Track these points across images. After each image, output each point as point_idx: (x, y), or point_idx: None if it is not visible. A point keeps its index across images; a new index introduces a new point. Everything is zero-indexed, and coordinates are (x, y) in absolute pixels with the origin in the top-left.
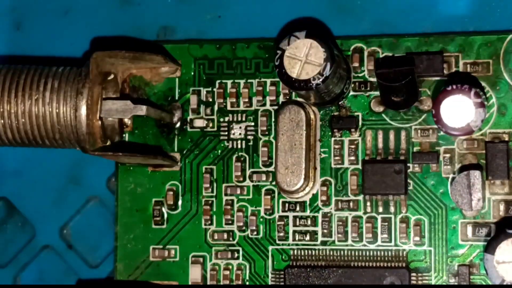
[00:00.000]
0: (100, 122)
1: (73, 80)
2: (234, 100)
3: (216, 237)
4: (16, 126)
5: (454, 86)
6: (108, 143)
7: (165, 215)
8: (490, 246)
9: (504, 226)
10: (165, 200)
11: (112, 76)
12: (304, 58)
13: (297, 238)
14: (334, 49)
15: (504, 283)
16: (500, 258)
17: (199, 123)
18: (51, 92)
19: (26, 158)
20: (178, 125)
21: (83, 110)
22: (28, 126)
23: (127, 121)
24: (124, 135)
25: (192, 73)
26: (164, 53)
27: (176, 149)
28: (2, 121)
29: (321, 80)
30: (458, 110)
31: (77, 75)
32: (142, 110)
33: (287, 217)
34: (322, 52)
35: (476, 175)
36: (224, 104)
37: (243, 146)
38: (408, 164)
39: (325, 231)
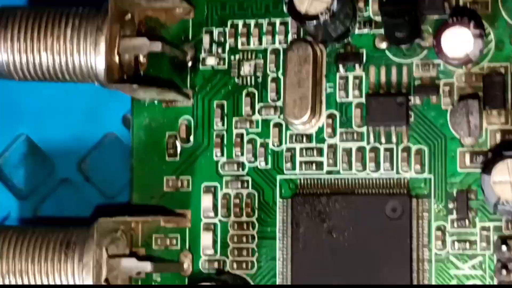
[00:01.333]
0: (118, 58)
1: (93, 18)
2: (245, 39)
3: (226, 168)
4: (38, 61)
5: (455, 19)
6: (125, 78)
7: (179, 148)
8: (486, 167)
9: (500, 149)
10: (178, 134)
11: (129, 16)
12: None
13: (303, 168)
14: None
15: (500, 202)
16: (496, 178)
17: (211, 61)
18: (72, 29)
19: (44, 95)
20: (190, 63)
21: (102, 46)
22: (49, 61)
23: (142, 59)
24: (139, 73)
25: (205, 14)
26: None
27: (188, 86)
28: (25, 56)
29: (328, 15)
30: (458, 40)
31: (97, 13)
32: (157, 46)
33: (294, 148)
34: None
35: (473, 103)
36: (235, 43)
37: (253, 83)
38: (410, 97)
39: (331, 161)
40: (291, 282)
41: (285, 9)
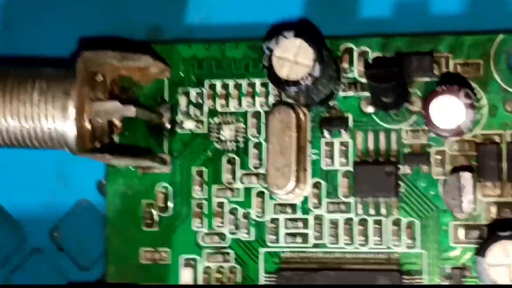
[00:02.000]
0: (89, 124)
1: (61, 81)
2: (223, 101)
3: (207, 240)
4: (5, 127)
5: (444, 87)
6: (97, 145)
7: (156, 218)
8: (481, 249)
9: (495, 228)
10: (155, 202)
11: (100, 77)
12: (293, 58)
13: (288, 241)
14: (323, 49)
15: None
16: (492, 261)
17: (189, 124)
18: (39, 93)
19: (15, 161)
20: (168, 126)
21: (71, 111)
22: (17, 127)
23: (116, 122)
24: (113, 136)
25: (182, 74)
26: (153, 53)
27: (166, 151)
28: None
29: (310, 80)
30: (448, 111)
31: (66, 75)
32: (131, 111)
33: (278, 219)
34: (311, 52)
35: (466, 176)
36: (214, 105)
37: (234, 148)
38: (399, 166)
39: (317, 233)
40: None
41: (264, 72)
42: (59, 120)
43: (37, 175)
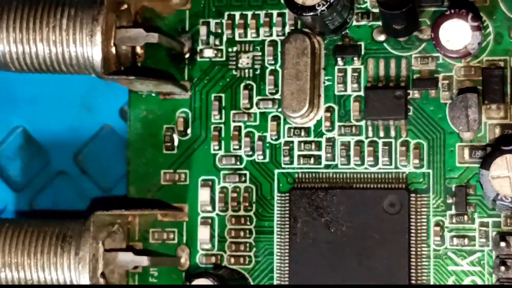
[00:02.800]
0: (114, 49)
1: (88, 8)
2: (242, 31)
3: (224, 162)
4: (34, 52)
5: (452, 11)
6: (122, 68)
7: (176, 141)
8: (485, 162)
9: (499, 144)
10: (175, 127)
11: (125, 6)
12: None
13: (301, 162)
14: None
15: (498, 197)
16: (495, 173)
17: (209, 53)
18: (67, 19)
19: (41, 87)
20: (188, 55)
21: (98, 36)
22: (46, 52)
23: (139, 50)
24: (136, 64)
25: (202, 5)
26: None
27: (186, 78)
28: (21, 47)
29: (325, 6)
30: (456, 33)
31: (93, 3)
32: (154, 37)
33: (292, 142)
34: None
35: (472, 97)
36: (233, 34)
37: (251, 75)
38: (408, 91)
39: (329, 155)
40: (288, 277)
41: (282, 0)
42: (87, 45)
43: (62, 101)
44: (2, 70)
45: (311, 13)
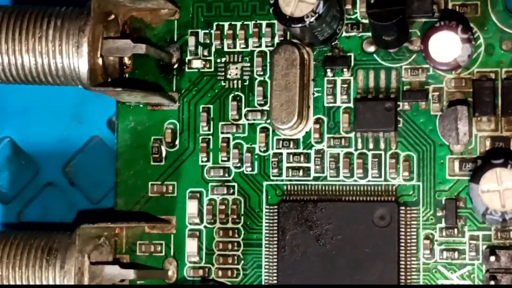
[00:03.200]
0: (101, 60)
1: (75, 19)
2: (230, 41)
3: (212, 173)
4: (20, 63)
5: (442, 23)
6: (109, 80)
7: (164, 152)
8: (475, 176)
9: (489, 157)
10: (163, 138)
11: (113, 17)
12: None
13: (290, 174)
14: None
15: (488, 211)
16: (485, 187)
17: (197, 63)
18: (54, 30)
19: (30, 98)
20: (176, 65)
21: (84, 47)
22: (32, 63)
23: (127, 61)
24: (124, 75)
25: (190, 16)
26: None
27: (174, 89)
28: (7, 58)
29: (314, 17)
30: (446, 45)
31: (80, 14)
32: (141, 48)
33: (281, 154)
34: None
35: (463, 109)
36: (221, 45)
37: (239, 86)
38: (398, 102)
39: (318, 167)
40: None
41: (270, 10)
42: (73, 56)
43: (50, 112)
44: None
45: (300, 25)
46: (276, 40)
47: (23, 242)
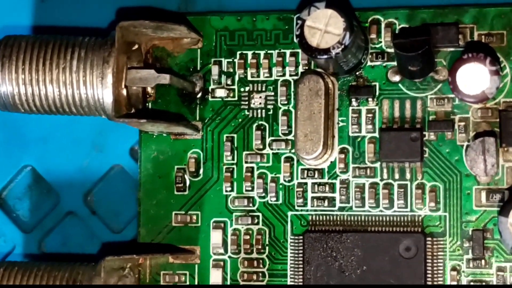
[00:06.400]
0: (125, 90)
1: (99, 49)
2: (254, 70)
3: (236, 203)
4: (44, 93)
5: (470, 55)
6: (132, 111)
7: (187, 182)
8: (504, 209)
9: None
10: (187, 167)
11: (136, 46)
12: (324, 27)
13: (315, 204)
14: (353, 19)
15: None
16: None
17: (220, 92)
18: (78, 60)
19: (51, 127)
20: (199, 94)
21: (109, 78)
22: (56, 93)
23: (150, 90)
24: (147, 104)
25: (214, 44)
26: (187, 24)
27: (197, 118)
28: (31, 89)
29: (340, 49)
30: (474, 77)
31: (103, 44)
32: (165, 78)
33: (306, 183)
34: (341, 22)
35: (490, 141)
36: (245, 74)
37: (263, 115)
38: (424, 132)
39: (343, 197)
40: None
41: (295, 41)
42: (97, 86)
43: (71, 140)
44: (10, 111)
45: (326, 56)
46: (300, 69)
47: (47, 273)
